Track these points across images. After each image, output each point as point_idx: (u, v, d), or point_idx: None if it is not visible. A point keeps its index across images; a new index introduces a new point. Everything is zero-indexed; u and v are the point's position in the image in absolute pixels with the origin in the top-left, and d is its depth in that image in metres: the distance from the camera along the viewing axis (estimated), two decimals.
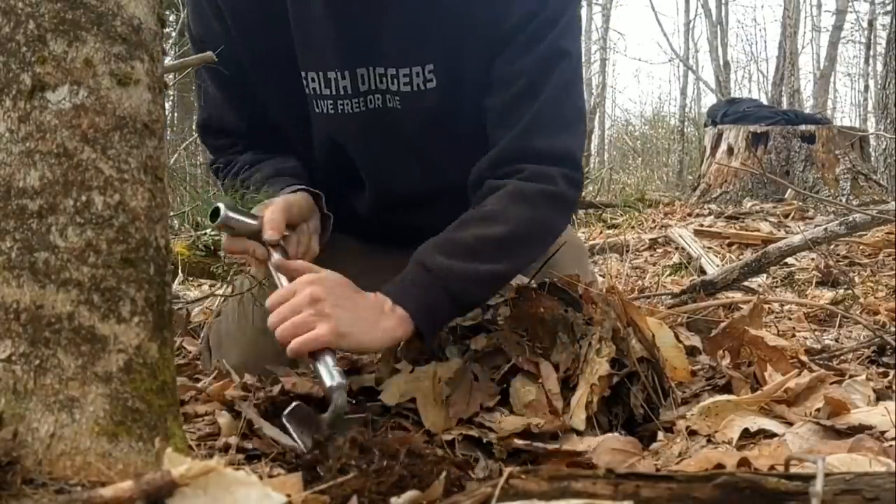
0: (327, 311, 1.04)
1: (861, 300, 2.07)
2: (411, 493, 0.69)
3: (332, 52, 1.29)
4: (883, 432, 0.96)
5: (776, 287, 2.68)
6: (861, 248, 3.20)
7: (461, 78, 1.30)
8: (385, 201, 1.45)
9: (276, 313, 1.05)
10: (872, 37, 14.97)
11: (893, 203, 3.41)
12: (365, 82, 1.31)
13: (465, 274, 1.15)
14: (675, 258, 3.72)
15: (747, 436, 1.02)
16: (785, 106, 11.39)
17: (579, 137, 1.32)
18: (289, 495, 0.67)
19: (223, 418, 1.02)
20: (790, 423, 1.04)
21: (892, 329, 1.52)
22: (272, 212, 1.17)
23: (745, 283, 2.39)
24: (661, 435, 1.09)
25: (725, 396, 1.14)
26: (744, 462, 0.87)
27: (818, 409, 1.06)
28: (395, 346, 1.19)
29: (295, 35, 1.30)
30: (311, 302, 1.04)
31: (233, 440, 0.96)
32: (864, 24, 15.40)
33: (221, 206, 1.13)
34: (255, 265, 1.23)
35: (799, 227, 4.34)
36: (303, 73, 1.32)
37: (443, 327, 1.22)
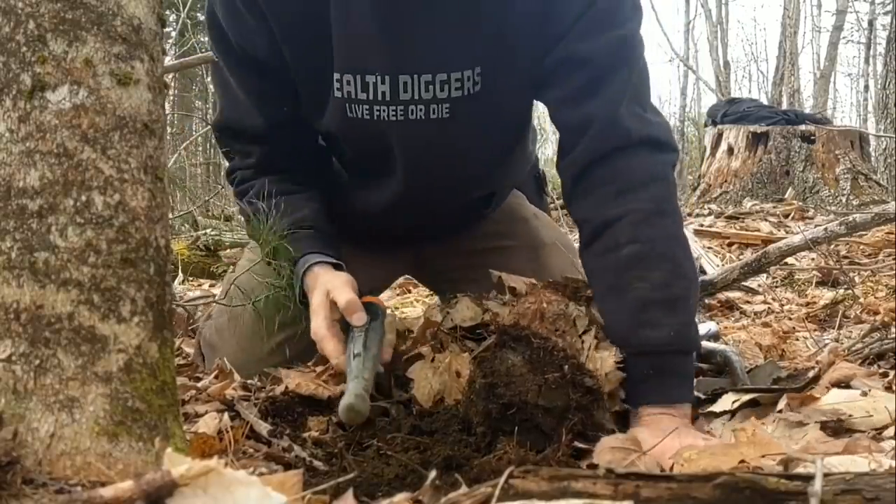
0: None
1: (861, 300, 2.07)
2: (404, 494, 0.69)
3: (373, 55, 1.25)
4: (880, 431, 0.96)
5: (776, 287, 2.68)
6: (861, 247, 3.20)
7: (505, 80, 1.28)
8: (407, 197, 1.42)
9: None
10: (872, 37, 14.98)
11: (893, 203, 3.41)
12: (407, 90, 1.27)
13: (672, 329, 1.10)
14: None
15: None
16: (785, 106, 11.40)
17: (662, 118, 1.31)
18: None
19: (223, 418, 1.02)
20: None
21: (893, 329, 1.52)
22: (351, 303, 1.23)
23: (745, 283, 2.39)
24: None
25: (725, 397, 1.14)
26: (744, 462, 0.87)
27: (817, 410, 1.05)
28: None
29: (335, 34, 1.25)
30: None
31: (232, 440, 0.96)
32: (864, 24, 15.41)
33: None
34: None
35: (799, 227, 4.33)
36: (336, 76, 1.28)
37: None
